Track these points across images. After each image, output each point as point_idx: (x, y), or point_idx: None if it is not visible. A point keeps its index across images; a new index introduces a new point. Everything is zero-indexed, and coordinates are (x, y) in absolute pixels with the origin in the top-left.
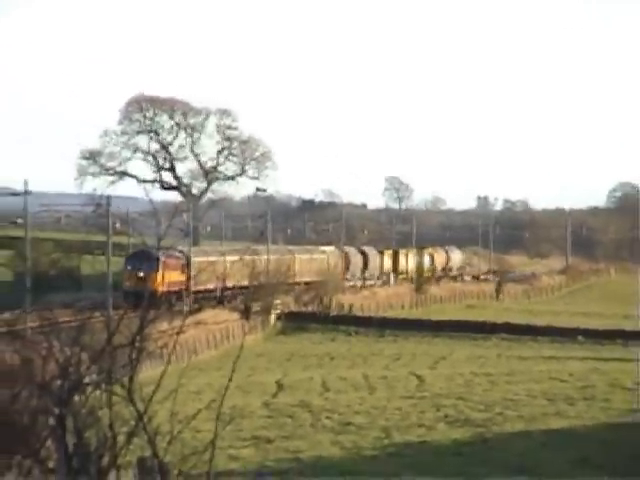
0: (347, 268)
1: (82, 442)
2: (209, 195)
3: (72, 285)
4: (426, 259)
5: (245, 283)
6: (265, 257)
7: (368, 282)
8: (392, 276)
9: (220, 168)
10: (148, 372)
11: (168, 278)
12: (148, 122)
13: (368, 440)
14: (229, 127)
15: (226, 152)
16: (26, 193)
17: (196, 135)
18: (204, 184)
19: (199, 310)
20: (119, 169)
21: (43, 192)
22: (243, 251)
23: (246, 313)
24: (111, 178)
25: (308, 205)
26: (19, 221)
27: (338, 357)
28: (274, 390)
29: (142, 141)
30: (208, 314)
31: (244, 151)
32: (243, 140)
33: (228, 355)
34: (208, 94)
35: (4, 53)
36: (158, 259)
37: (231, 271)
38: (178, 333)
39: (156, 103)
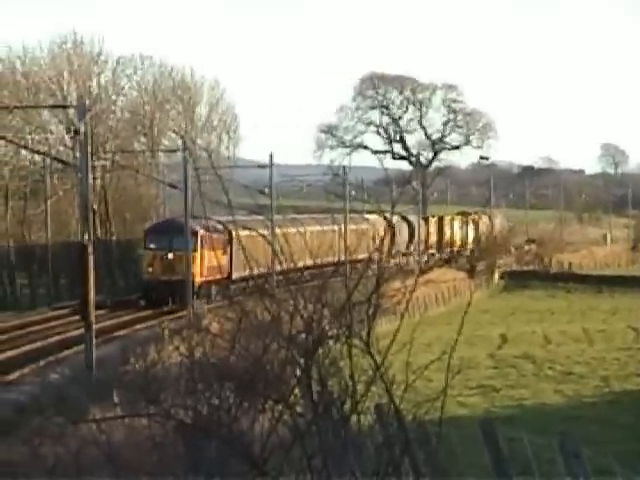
0: (393, 241)
1: (326, 390)
2: (436, 164)
3: None
4: (470, 228)
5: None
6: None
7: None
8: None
9: (446, 139)
10: (384, 326)
11: (209, 262)
12: (380, 98)
13: (588, 388)
14: (454, 101)
15: (451, 124)
16: (271, 165)
17: (424, 109)
18: (431, 154)
19: (429, 270)
20: (354, 141)
21: (286, 164)
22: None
23: (471, 272)
24: (347, 150)
25: (528, 171)
26: (266, 191)
27: (558, 312)
28: (498, 343)
29: (374, 115)
30: (437, 273)
31: (468, 123)
32: (467, 112)
33: (455, 311)
34: (435, 70)
35: (263, 30)
36: (196, 233)
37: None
38: (411, 291)
39: (387, 80)
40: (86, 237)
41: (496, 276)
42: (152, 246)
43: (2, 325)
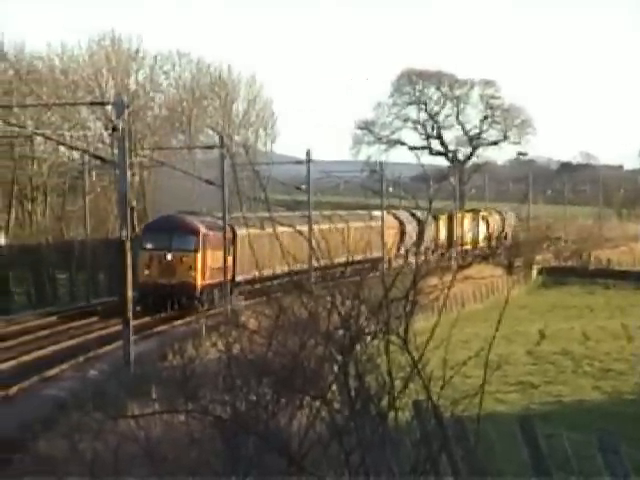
0: (402, 239)
1: (363, 386)
2: (473, 160)
3: None
4: (481, 226)
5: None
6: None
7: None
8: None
9: (484, 135)
10: (421, 323)
11: (211, 263)
12: (417, 94)
13: (627, 385)
14: (492, 97)
15: (489, 120)
16: (308, 161)
17: (461, 105)
18: (469, 150)
19: (467, 266)
20: (391, 138)
21: (323, 160)
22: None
23: (509, 268)
24: (384, 146)
25: (566, 167)
26: (302, 187)
27: (597, 308)
28: (537, 339)
29: (412, 112)
30: (474, 270)
31: (506, 118)
32: (505, 108)
33: (493, 307)
34: (472, 66)
35: (291, 30)
36: (197, 231)
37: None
38: (449, 287)
39: (424, 76)
40: (124, 233)
41: (534, 272)
42: (149, 246)
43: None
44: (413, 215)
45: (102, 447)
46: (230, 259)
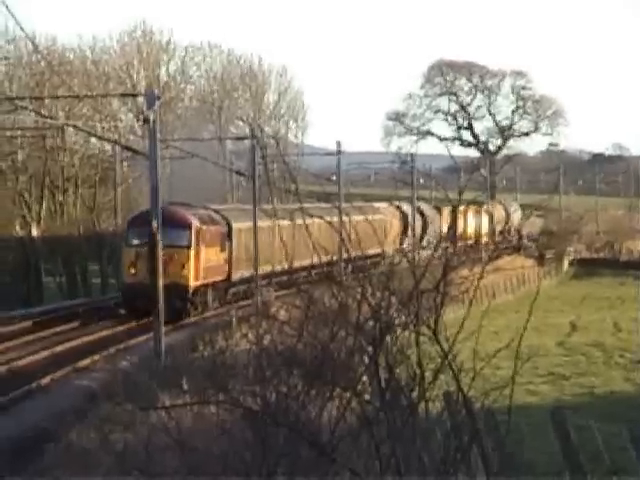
0: (405, 232)
1: (393, 378)
2: (504, 151)
3: None
4: (484, 220)
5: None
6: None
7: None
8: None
9: (515, 126)
10: (451, 314)
11: (206, 261)
12: (448, 85)
13: None
14: (523, 87)
15: (520, 111)
16: (339, 153)
17: (492, 96)
18: (499, 141)
19: (498, 257)
20: (422, 129)
21: (353, 152)
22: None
23: (540, 260)
24: (415, 137)
25: (598, 158)
26: (333, 178)
27: (628, 300)
28: (568, 330)
29: (443, 103)
30: (505, 261)
31: (537, 109)
32: (536, 99)
33: (524, 299)
34: (503, 57)
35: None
36: (190, 225)
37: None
38: (479, 279)
39: (455, 67)
40: (154, 225)
41: (565, 263)
42: (135, 242)
43: None
44: (417, 208)
45: (133, 438)
46: (224, 256)
